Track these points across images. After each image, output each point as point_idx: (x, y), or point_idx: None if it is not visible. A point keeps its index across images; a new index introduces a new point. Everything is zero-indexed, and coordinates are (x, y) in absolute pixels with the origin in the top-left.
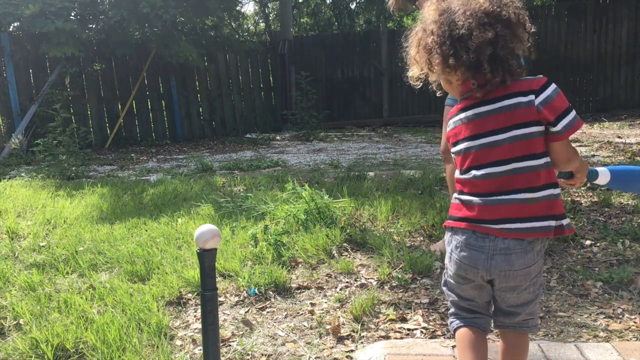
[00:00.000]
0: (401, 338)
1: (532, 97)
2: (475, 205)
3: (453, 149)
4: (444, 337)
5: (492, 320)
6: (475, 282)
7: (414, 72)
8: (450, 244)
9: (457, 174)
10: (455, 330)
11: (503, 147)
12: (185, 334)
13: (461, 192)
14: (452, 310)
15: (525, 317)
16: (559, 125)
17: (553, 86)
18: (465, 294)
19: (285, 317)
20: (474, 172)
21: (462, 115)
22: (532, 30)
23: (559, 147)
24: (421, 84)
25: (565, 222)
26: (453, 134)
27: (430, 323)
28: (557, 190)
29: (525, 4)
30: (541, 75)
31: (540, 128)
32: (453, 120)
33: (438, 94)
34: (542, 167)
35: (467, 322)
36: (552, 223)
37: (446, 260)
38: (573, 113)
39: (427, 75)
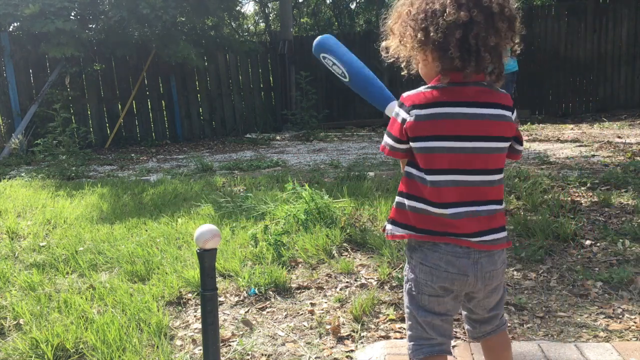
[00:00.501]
0: (401, 338)
1: (510, 113)
2: (454, 217)
3: (419, 144)
4: None
5: (468, 333)
6: (455, 292)
7: (388, 43)
8: (427, 256)
9: (417, 173)
10: (421, 359)
11: (486, 156)
12: (185, 334)
13: (422, 199)
14: (415, 333)
15: (501, 315)
16: (521, 145)
17: None
18: (441, 308)
19: (285, 317)
20: (451, 177)
21: (439, 109)
22: (522, 31)
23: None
24: (391, 59)
25: (506, 233)
26: (421, 127)
27: None
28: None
29: (525, 4)
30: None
31: (508, 145)
32: (426, 112)
33: (403, 72)
34: (503, 181)
35: (436, 350)
36: (506, 233)
37: (418, 275)
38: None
39: (399, 51)
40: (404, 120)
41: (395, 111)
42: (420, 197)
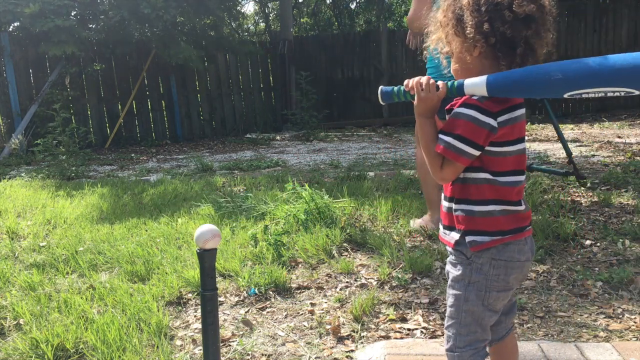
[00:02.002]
0: (401, 338)
1: None
2: (525, 212)
3: (509, 148)
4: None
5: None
6: (518, 283)
7: (433, 39)
8: (501, 253)
9: (490, 176)
10: None
11: (525, 156)
12: (185, 334)
13: (506, 202)
14: (472, 337)
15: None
16: None
17: None
18: (503, 303)
19: (285, 317)
20: (515, 178)
21: (515, 114)
22: (552, 35)
23: None
24: (438, 55)
25: None
26: (510, 131)
27: (430, 323)
28: None
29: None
30: None
31: None
32: (509, 117)
33: (445, 71)
34: None
35: (486, 350)
36: None
37: (489, 272)
38: None
39: (442, 47)
40: (492, 128)
41: (472, 116)
42: (503, 199)
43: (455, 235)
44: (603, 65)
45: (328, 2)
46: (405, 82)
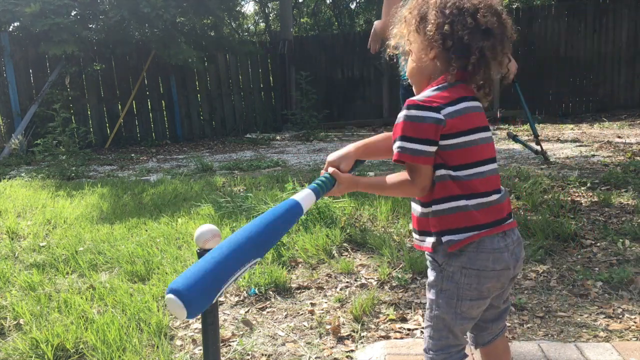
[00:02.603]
0: (401, 338)
1: None
2: (498, 203)
3: (457, 139)
4: None
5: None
6: (496, 291)
7: (394, 32)
8: (473, 261)
9: (453, 172)
10: None
11: (490, 145)
12: (185, 334)
13: (461, 198)
14: (444, 342)
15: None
16: None
17: None
18: (479, 311)
19: (286, 317)
20: (484, 167)
21: (466, 104)
22: (508, 61)
23: None
24: (395, 51)
25: None
26: (457, 123)
27: None
28: None
29: (525, 4)
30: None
31: None
32: (456, 108)
33: (402, 67)
34: None
35: (461, 355)
36: None
37: (460, 281)
38: None
39: (403, 42)
40: (439, 120)
41: (414, 114)
42: (472, 192)
43: (431, 239)
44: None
45: (328, 2)
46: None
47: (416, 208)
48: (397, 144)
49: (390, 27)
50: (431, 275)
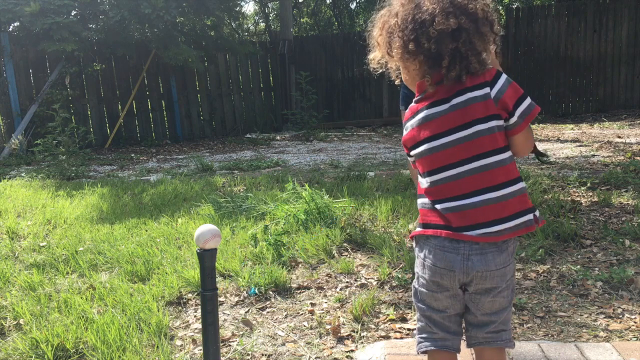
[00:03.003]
0: (401, 338)
1: (487, 89)
2: (446, 212)
3: (413, 152)
4: None
5: (461, 340)
6: (451, 290)
7: (375, 55)
8: (423, 250)
9: (419, 178)
10: (424, 351)
11: (465, 145)
12: (185, 334)
13: (425, 197)
14: (420, 325)
15: (500, 328)
16: (515, 114)
17: (504, 76)
18: (438, 304)
19: (285, 317)
20: (437, 175)
21: (420, 116)
22: (500, 32)
23: (520, 139)
24: (381, 69)
25: (537, 213)
26: (410, 137)
27: None
28: (524, 183)
29: (525, 4)
30: (491, 66)
31: (500, 122)
32: (410, 123)
33: (396, 82)
34: (509, 160)
35: (438, 345)
36: (530, 217)
37: (417, 268)
38: (529, 100)
39: (387, 61)
40: (403, 135)
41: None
42: (422, 194)
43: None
44: None
45: (328, 2)
46: None
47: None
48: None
49: (367, 49)
50: None
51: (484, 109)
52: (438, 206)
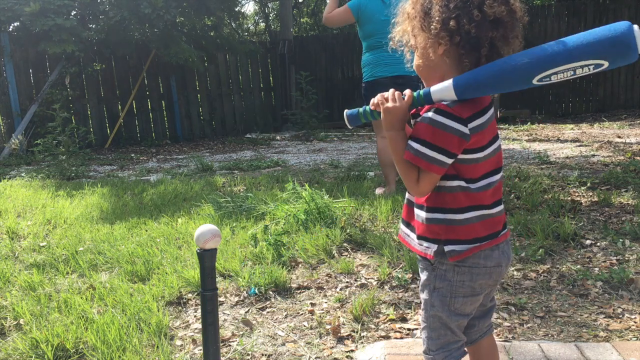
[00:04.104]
0: (401, 338)
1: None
2: (499, 215)
3: (478, 154)
4: None
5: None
6: (487, 289)
7: (398, 30)
8: (467, 259)
9: (464, 184)
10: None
11: (500, 153)
12: (185, 334)
13: (484, 205)
14: (443, 340)
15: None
16: None
17: None
18: (473, 307)
19: (285, 317)
20: (488, 180)
21: (484, 118)
22: (520, 43)
23: None
24: (402, 48)
25: None
26: (479, 139)
27: None
28: None
29: (525, 4)
30: None
31: None
32: (478, 123)
33: (407, 65)
34: None
35: (462, 352)
36: None
37: (453, 279)
38: None
39: (408, 40)
40: (464, 135)
41: (440, 121)
42: (479, 204)
43: (432, 246)
44: (566, 42)
45: (328, 2)
46: (371, 100)
47: (416, 211)
48: (415, 145)
49: (392, 21)
50: (423, 275)
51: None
52: (495, 209)
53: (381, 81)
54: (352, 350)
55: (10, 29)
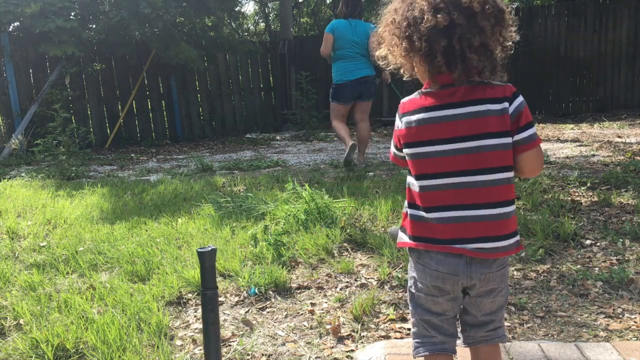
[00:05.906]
0: (401, 338)
1: (505, 104)
2: (437, 222)
3: (407, 150)
4: None
5: (457, 340)
6: (452, 294)
7: (381, 51)
8: (422, 256)
9: (411, 180)
10: (422, 357)
11: (473, 157)
12: (185, 334)
13: (416, 206)
14: (417, 330)
15: (497, 325)
16: (527, 132)
17: (521, 97)
18: (438, 308)
19: (286, 317)
20: (434, 181)
21: (424, 115)
22: (514, 23)
23: (531, 156)
24: (387, 66)
25: (518, 237)
26: (409, 134)
27: None
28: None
29: (525, 4)
30: (509, 83)
31: (509, 139)
32: (413, 119)
33: (405, 77)
34: (512, 180)
35: (437, 348)
36: (518, 238)
37: (415, 272)
38: (535, 128)
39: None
40: (397, 127)
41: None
42: (414, 203)
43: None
44: None
45: (328, 2)
46: None
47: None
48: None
49: (373, 48)
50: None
51: (499, 124)
52: (430, 215)
53: (346, 84)
54: (352, 350)
55: (11, 29)
